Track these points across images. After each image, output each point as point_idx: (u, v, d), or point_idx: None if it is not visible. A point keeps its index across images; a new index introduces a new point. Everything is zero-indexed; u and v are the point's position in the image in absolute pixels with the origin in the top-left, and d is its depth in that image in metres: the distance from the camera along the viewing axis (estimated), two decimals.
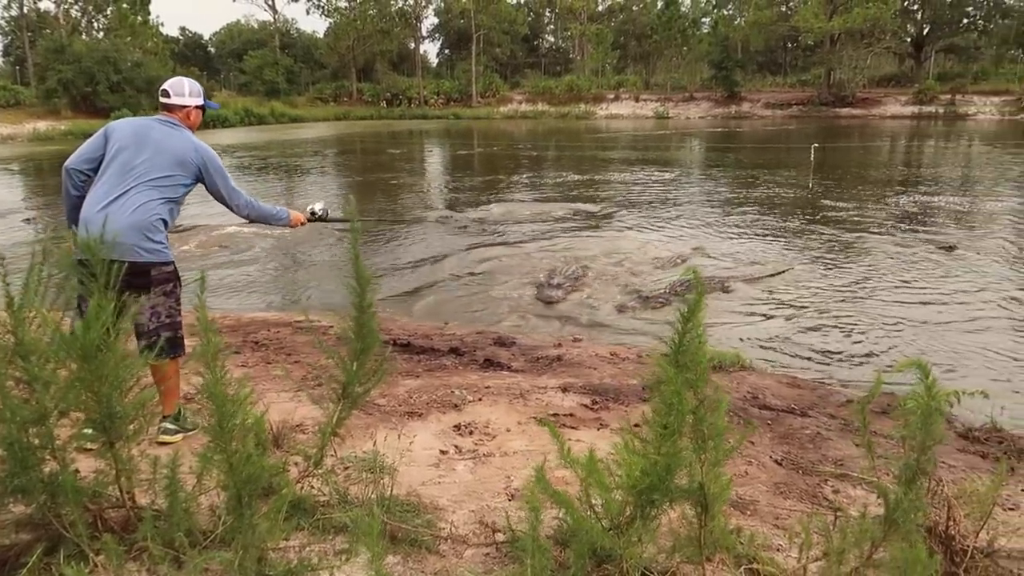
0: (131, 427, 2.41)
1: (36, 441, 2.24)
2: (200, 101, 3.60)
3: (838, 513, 2.77)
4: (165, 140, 3.40)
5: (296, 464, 2.88)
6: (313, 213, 4.08)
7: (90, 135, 3.57)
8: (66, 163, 3.40)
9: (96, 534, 2.35)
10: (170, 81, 3.57)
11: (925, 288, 7.97)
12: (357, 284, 2.72)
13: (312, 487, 2.68)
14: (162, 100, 3.53)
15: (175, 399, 3.47)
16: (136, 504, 2.50)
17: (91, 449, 2.64)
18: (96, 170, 3.37)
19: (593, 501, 2.16)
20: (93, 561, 2.27)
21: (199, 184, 3.54)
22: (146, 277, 3.27)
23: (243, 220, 3.87)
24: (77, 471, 2.42)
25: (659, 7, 65.90)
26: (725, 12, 68.18)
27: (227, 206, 3.63)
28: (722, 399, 2.12)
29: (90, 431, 3.32)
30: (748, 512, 2.99)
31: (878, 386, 2.36)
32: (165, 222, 3.38)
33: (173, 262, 3.42)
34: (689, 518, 2.27)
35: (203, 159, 3.46)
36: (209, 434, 2.06)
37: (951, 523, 2.60)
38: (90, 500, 2.45)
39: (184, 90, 3.55)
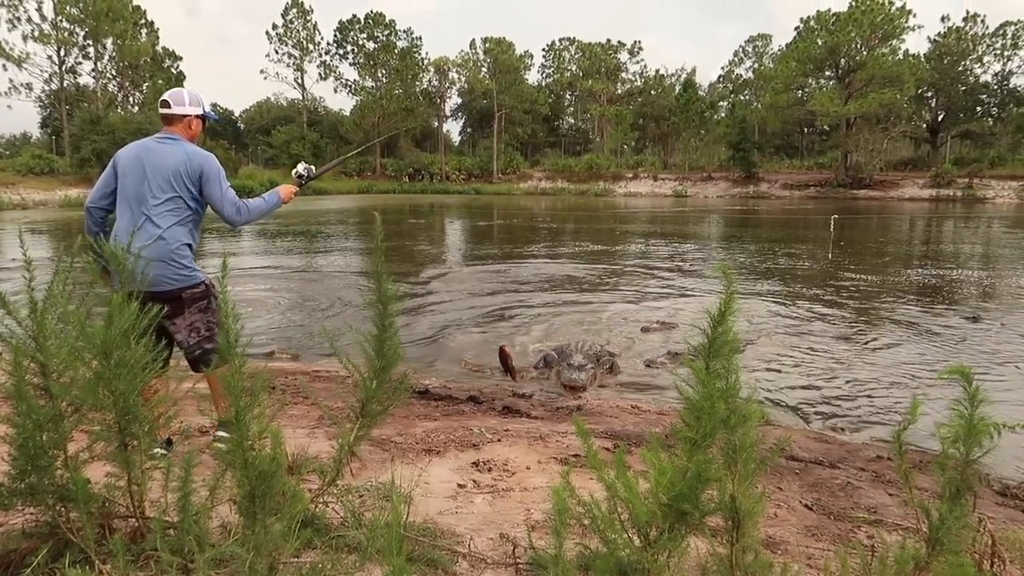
0: (147, 434, 2.36)
1: (48, 441, 2.20)
2: (200, 110, 3.60)
3: (875, 551, 2.63)
4: (159, 160, 3.39)
5: (310, 491, 2.80)
6: (300, 176, 3.95)
7: None
8: (86, 202, 3.48)
9: (103, 542, 2.28)
10: (170, 92, 3.57)
11: (948, 354, 7.81)
12: (379, 301, 2.71)
13: (326, 505, 2.59)
14: (162, 111, 3.53)
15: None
16: (145, 516, 2.43)
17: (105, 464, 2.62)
18: (113, 203, 3.43)
19: (619, 514, 2.06)
20: (99, 569, 2.19)
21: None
22: (179, 301, 3.34)
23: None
24: (88, 479, 2.37)
25: (677, 91, 67.73)
26: (742, 97, 69.76)
27: (221, 215, 3.53)
28: (754, 409, 2.05)
29: (160, 450, 3.36)
30: (779, 552, 2.86)
31: (916, 409, 2.28)
32: (188, 245, 3.41)
33: (204, 281, 3.45)
34: (717, 547, 2.17)
35: (198, 165, 3.43)
36: (225, 426, 2.01)
37: (996, 561, 2.46)
38: (99, 509, 2.39)
39: (184, 99, 3.54)
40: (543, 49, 79.18)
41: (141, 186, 3.34)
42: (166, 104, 3.52)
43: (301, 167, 3.99)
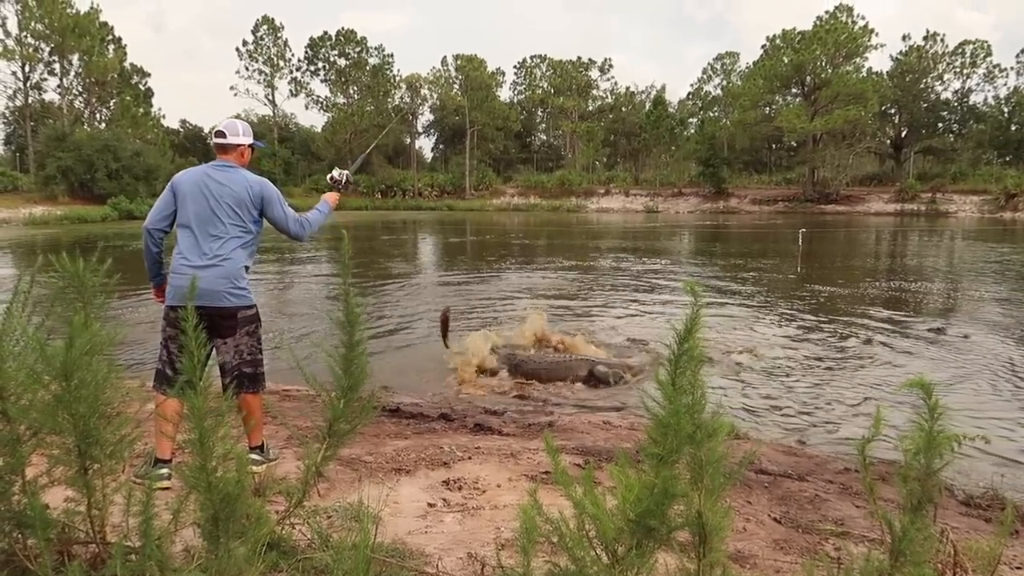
0: (108, 457, 2.31)
1: (5, 466, 2.15)
2: (251, 140, 3.80)
3: (841, 564, 2.66)
4: (222, 187, 3.58)
5: (276, 513, 2.76)
6: (336, 181, 4.25)
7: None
8: (145, 224, 3.62)
9: (62, 569, 2.22)
10: (224, 123, 3.77)
11: (914, 366, 7.95)
12: (347, 320, 2.69)
13: (293, 527, 2.56)
14: (217, 141, 3.71)
15: (260, 432, 3.79)
16: (106, 541, 2.38)
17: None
18: (171, 225, 3.63)
19: (587, 531, 2.06)
20: None
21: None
22: (233, 320, 3.54)
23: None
24: (46, 505, 2.31)
25: (647, 108, 68.47)
26: (711, 114, 70.70)
27: (287, 233, 3.77)
28: (721, 424, 2.06)
29: (166, 471, 3.45)
30: (747, 565, 2.87)
31: (879, 421, 2.32)
32: (246, 267, 3.63)
33: (255, 305, 3.66)
34: (685, 562, 2.17)
35: (259, 191, 3.66)
36: (189, 447, 1.98)
37: (958, 571, 2.50)
38: (58, 535, 2.33)
39: (238, 130, 3.75)
40: (514, 66, 79.48)
41: (206, 211, 3.55)
42: (222, 135, 3.72)
43: (336, 172, 4.31)
